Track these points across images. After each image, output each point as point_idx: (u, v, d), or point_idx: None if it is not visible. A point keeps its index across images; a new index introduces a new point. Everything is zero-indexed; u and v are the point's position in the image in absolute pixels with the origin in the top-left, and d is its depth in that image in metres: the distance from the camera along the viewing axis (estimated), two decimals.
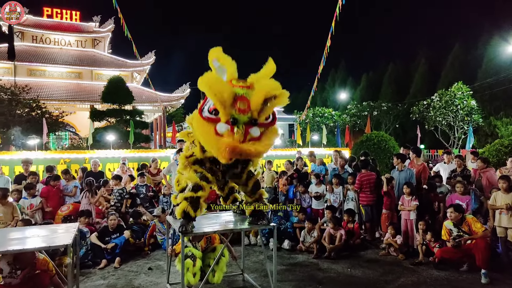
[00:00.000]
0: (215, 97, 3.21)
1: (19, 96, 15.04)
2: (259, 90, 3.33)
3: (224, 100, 3.21)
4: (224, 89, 3.24)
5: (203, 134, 3.42)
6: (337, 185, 7.65)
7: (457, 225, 5.57)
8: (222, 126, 3.28)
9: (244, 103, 3.27)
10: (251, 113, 3.30)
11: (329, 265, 5.90)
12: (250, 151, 3.24)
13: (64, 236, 3.96)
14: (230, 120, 3.25)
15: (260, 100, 3.30)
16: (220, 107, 3.23)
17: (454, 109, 20.90)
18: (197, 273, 4.53)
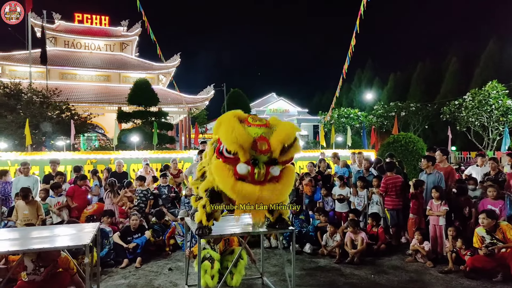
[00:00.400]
0: (235, 143, 3.15)
1: (50, 99, 15.56)
2: (278, 134, 3.30)
3: (244, 145, 3.17)
4: (244, 137, 3.17)
5: (223, 177, 3.33)
6: (362, 188, 7.42)
7: (490, 232, 5.27)
8: (243, 167, 3.22)
9: (264, 143, 3.23)
10: (271, 154, 3.27)
11: (351, 270, 5.71)
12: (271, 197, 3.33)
13: (84, 235, 3.99)
14: (250, 160, 3.22)
15: (279, 143, 3.25)
16: (240, 151, 3.17)
17: (488, 109, 20.05)
18: (215, 276, 4.48)
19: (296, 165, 11.47)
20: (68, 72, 29.65)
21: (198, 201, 4.09)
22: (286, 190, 3.44)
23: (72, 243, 3.74)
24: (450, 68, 32.66)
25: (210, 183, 3.70)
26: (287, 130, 3.31)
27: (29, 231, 4.55)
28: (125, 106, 22.67)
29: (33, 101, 14.62)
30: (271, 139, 3.27)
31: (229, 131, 3.18)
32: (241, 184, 3.23)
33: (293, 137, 3.32)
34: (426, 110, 27.67)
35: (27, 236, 4.05)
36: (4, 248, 3.48)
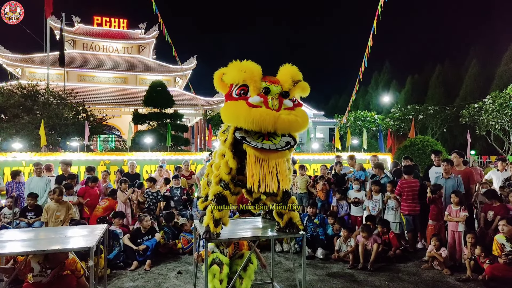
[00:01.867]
0: (246, 74, 3.21)
1: (66, 100, 15.79)
2: (284, 69, 3.41)
3: (255, 75, 3.22)
4: (253, 67, 3.26)
5: (236, 110, 3.18)
6: (377, 192, 7.22)
7: (510, 240, 5.02)
8: (255, 98, 3.17)
9: (273, 77, 3.32)
10: (282, 86, 3.28)
11: (365, 277, 5.53)
12: (291, 119, 3.12)
13: (91, 238, 3.95)
14: (262, 91, 3.19)
15: (287, 77, 3.33)
16: (251, 81, 3.20)
17: (509, 112, 19.44)
18: (224, 280, 4.37)
19: (310, 168, 11.30)
20: (86, 74, 30.19)
21: (204, 203, 4.02)
22: (301, 120, 3.24)
23: (78, 245, 3.69)
24: (470, 70, 31.93)
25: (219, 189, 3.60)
26: (291, 67, 3.43)
27: (38, 232, 4.55)
28: (142, 108, 22.91)
29: (49, 102, 14.85)
30: (278, 75, 3.38)
31: (237, 65, 3.28)
32: (257, 110, 3.10)
33: (299, 74, 3.41)
34: (445, 113, 27.08)
35: (35, 238, 4.03)
36: (8, 250, 3.46)
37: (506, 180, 7.04)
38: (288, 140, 3.31)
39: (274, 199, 3.90)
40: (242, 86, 3.29)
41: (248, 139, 3.20)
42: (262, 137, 3.21)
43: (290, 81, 3.32)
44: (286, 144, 3.28)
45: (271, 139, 3.23)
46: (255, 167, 3.25)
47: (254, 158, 3.25)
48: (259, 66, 3.32)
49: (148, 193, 7.81)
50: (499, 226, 5.21)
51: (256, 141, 3.19)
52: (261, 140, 3.21)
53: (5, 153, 9.63)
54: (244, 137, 3.21)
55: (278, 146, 3.23)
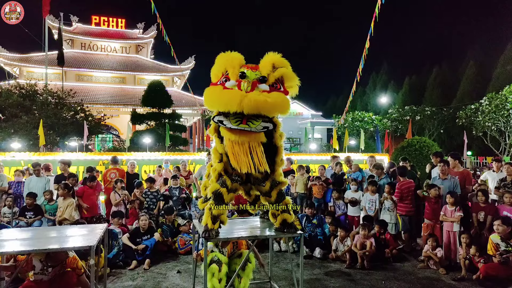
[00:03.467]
0: (226, 62, 3.42)
1: (64, 100, 15.79)
2: (267, 56, 3.51)
3: (234, 62, 3.41)
4: (234, 56, 3.48)
5: (211, 94, 3.40)
6: (373, 192, 7.29)
7: (505, 239, 5.11)
8: (231, 82, 3.34)
9: (253, 65, 3.47)
10: (260, 72, 3.39)
11: (362, 276, 5.60)
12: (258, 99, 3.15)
13: (91, 237, 3.99)
14: (238, 74, 3.34)
15: (268, 62, 3.44)
16: (229, 67, 3.38)
17: (505, 113, 19.56)
18: (223, 279, 4.43)
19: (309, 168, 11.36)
20: (84, 73, 30.16)
21: (204, 203, 4.09)
22: (272, 102, 3.21)
23: (78, 244, 3.74)
24: (467, 72, 32.09)
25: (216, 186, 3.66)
26: (274, 55, 3.52)
27: (39, 231, 4.59)
28: (140, 107, 22.91)
29: (48, 102, 14.86)
30: (261, 60, 3.49)
31: (221, 56, 3.53)
32: (227, 91, 3.30)
33: (282, 61, 3.50)
34: (442, 114, 27.23)
35: (36, 237, 4.07)
36: (11, 248, 3.51)
37: (502, 180, 7.11)
38: (267, 125, 3.33)
39: (268, 200, 3.95)
40: (226, 75, 3.47)
41: (224, 122, 3.27)
42: (240, 121, 3.23)
43: (270, 67, 3.43)
44: (263, 128, 3.31)
45: (249, 123, 3.23)
46: (231, 148, 3.40)
47: (229, 141, 3.39)
48: (240, 55, 3.51)
49: (148, 193, 7.85)
50: (494, 226, 5.29)
51: (232, 124, 3.23)
52: (238, 123, 3.23)
53: (4, 153, 9.65)
54: (222, 120, 3.29)
55: (254, 129, 3.27)
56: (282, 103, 3.31)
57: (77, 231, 4.37)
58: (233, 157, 3.41)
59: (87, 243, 3.69)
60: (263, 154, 3.46)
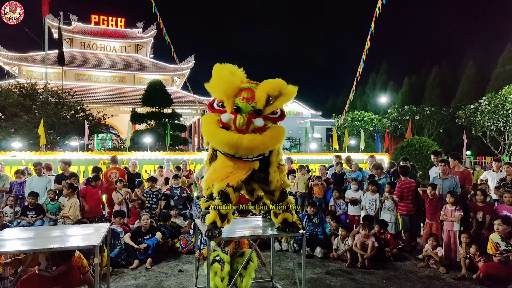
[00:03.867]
0: (222, 86, 3.30)
1: (65, 99, 15.80)
2: (263, 85, 3.38)
3: (229, 90, 3.28)
4: (231, 80, 3.30)
5: (207, 124, 3.38)
6: (373, 192, 7.32)
7: (505, 239, 5.14)
8: (226, 116, 3.30)
9: (249, 93, 3.32)
10: (255, 104, 3.31)
11: (363, 275, 5.63)
12: (251, 145, 3.19)
13: (94, 236, 4.01)
14: (233, 108, 3.28)
15: (263, 93, 3.32)
16: (224, 97, 3.31)
17: (504, 113, 19.56)
18: (225, 278, 4.45)
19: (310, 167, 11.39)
20: (83, 73, 30.15)
21: (207, 202, 4.12)
22: (268, 142, 3.31)
23: (82, 243, 3.76)
24: (466, 72, 32.12)
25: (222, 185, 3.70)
26: (272, 82, 3.37)
27: (42, 230, 4.61)
28: (140, 107, 22.91)
29: (48, 101, 14.86)
30: (256, 90, 3.35)
31: (216, 78, 3.33)
32: (222, 131, 3.26)
33: (277, 89, 3.35)
34: (441, 114, 27.24)
35: (39, 236, 4.10)
36: (16, 248, 3.53)
37: (501, 180, 7.15)
38: (263, 152, 3.46)
39: (271, 198, 4.00)
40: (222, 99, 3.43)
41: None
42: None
43: (264, 98, 3.32)
44: (260, 155, 3.42)
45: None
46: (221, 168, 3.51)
47: (222, 162, 3.49)
48: (237, 77, 3.37)
49: (149, 192, 7.88)
50: (494, 226, 5.33)
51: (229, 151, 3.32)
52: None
53: (5, 152, 9.66)
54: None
55: (250, 156, 3.35)
56: (278, 137, 3.43)
57: (81, 230, 4.39)
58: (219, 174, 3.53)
59: (91, 242, 3.71)
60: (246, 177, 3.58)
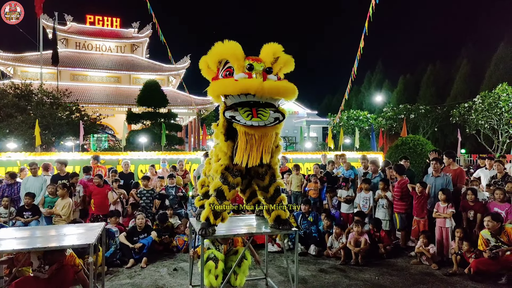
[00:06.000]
0: (228, 53, 3.37)
1: (60, 100, 15.78)
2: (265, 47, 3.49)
3: (236, 53, 3.35)
4: (234, 46, 3.39)
5: (223, 84, 3.37)
6: (367, 190, 7.39)
7: (495, 235, 5.23)
8: (240, 75, 3.30)
9: (255, 57, 3.44)
10: (264, 64, 3.39)
11: (356, 272, 5.70)
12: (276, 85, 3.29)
13: (89, 235, 4.05)
14: (246, 67, 3.32)
15: (270, 54, 3.43)
16: (233, 59, 3.35)
17: (498, 111, 19.76)
18: (219, 276, 4.50)
19: (303, 167, 11.46)
20: (79, 73, 30.06)
21: (201, 200, 4.17)
22: (287, 86, 3.40)
23: (77, 242, 3.80)
24: (460, 70, 32.32)
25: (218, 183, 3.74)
26: (272, 45, 3.50)
27: (37, 230, 4.65)
28: (135, 107, 22.89)
29: (43, 102, 14.84)
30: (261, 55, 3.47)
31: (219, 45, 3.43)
32: (243, 79, 3.27)
33: (280, 49, 3.49)
34: (436, 113, 27.41)
35: (34, 235, 4.13)
36: (11, 247, 3.56)
37: (492, 178, 7.25)
38: (277, 115, 3.41)
39: (265, 195, 4.06)
40: (228, 68, 3.46)
41: (237, 117, 3.31)
42: (251, 114, 3.30)
43: (271, 58, 3.45)
44: (275, 119, 3.39)
45: (260, 115, 3.31)
46: (245, 143, 3.42)
47: (244, 135, 3.39)
48: (239, 45, 3.46)
49: (143, 192, 7.90)
50: (484, 222, 5.41)
51: (245, 119, 3.29)
52: (250, 117, 3.29)
53: (0, 153, 9.65)
54: (234, 116, 3.34)
55: (267, 122, 3.33)
56: (294, 89, 3.46)
57: (75, 229, 4.42)
58: (244, 152, 3.44)
59: (86, 241, 3.75)
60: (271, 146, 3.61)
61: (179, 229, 7.23)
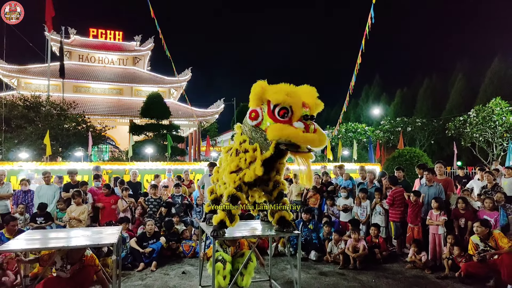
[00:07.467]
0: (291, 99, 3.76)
1: (66, 112, 16.22)
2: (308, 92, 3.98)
3: (299, 103, 3.79)
4: (298, 93, 3.84)
5: (289, 131, 3.73)
6: (364, 199, 7.79)
7: (483, 240, 5.61)
8: (300, 124, 3.74)
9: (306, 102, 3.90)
10: (309, 111, 3.87)
11: (354, 275, 6.07)
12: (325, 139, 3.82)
13: (110, 236, 4.44)
14: (303, 117, 3.77)
15: (314, 102, 3.95)
16: (296, 108, 3.75)
17: (492, 125, 20.28)
18: (227, 276, 4.86)
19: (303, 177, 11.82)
20: (82, 85, 30.57)
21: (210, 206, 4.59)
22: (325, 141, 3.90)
23: (101, 242, 4.18)
24: (456, 84, 32.96)
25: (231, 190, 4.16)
26: (314, 91, 4.01)
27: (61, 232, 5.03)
28: (137, 118, 23.29)
29: (51, 113, 15.28)
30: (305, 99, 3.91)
31: (280, 89, 3.81)
32: (310, 135, 3.76)
33: (316, 95, 4.02)
34: (432, 126, 27.93)
35: (62, 236, 4.52)
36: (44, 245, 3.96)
37: (483, 188, 7.66)
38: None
39: (269, 197, 4.48)
40: (284, 108, 3.79)
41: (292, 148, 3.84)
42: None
43: (315, 106, 3.96)
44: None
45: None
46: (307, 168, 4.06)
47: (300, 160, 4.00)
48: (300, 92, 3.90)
49: (151, 200, 8.26)
50: (473, 228, 5.80)
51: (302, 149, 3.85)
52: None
53: (12, 163, 10.03)
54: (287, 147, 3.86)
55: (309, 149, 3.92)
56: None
57: (97, 231, 4.82)
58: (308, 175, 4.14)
59: (109, 241, 4.13)
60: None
61: (185, 235, 7.59)
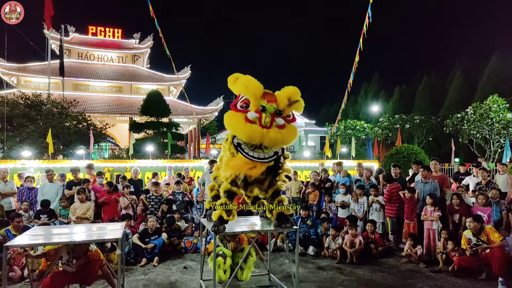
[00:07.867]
0: (249, 90, 3.93)
1: (67, 110, 16.34)
2: (285, 90, 4.11)
3: (256, 93, 3.93)
4: (256, 85, 3.97)
5: (234, 122, 3.97)
6: (361, 195, 7.96)
7: (476, 235, 5.79)
8: (252, 113, 3.93)
9: (271, 96, 4.02)
10: (277, 105, 4.00)
11: (351, 269, 6.25)
12: (276, 138, 3.89)
13: (114, 232, 4.60)
14: (259, 108, 3.92)
15: (285, 97, 4.05)
16: (252, 98, 3.91)
17: (489, 122, 20.45)
18: (227, 270, 5.02)
19: (302, 174, 12.02)
20: (81, 83, 30.62)
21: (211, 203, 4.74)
22: (287, 136, 4.02)
23: (106, 237, 4.34)
24: (454, 82, 33.12)
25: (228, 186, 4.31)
26: (292, 89, 4.13)
27: (67, 228, 5.20)
28: (137, 116, 23.37)
29: (52, 112, 15.40)
30: (278, 94, 4.08)
31: (244, 80, 3.99)
32: (250, 125, 3.88)
33: (297, 95, 4.11)
34: (430, 123, 28.09)
35: (69, 232, 4.69)
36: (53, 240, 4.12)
37: (477, 184, 7.83)
38: (277, 150, 4.14)
39: (265, 195, 4.67)
40: (245, 100, 4.06)
41: (242, 146, 4.02)
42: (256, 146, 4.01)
43: (286, 101, 4.05)
44: (274, 154, 4.11)
45: (263, 148, 4.04)
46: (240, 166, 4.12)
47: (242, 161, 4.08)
48: (261, 85, 4.06)
49: (152, 197, 8.42)
50: (466, 223, 5.98)
51: (248, 149, 4.00)
52: (253, 148, 4.01)
53: (15, 161, 10.18)
54: (240, 143, 4.04)
55: (266, 156, 4.06)
56: (293, 136, 4.13)
57: (102, 227, 4.98)
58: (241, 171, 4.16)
59: (114, 236, 4.29)
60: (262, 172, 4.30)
61: (186, 232, 7.76)
